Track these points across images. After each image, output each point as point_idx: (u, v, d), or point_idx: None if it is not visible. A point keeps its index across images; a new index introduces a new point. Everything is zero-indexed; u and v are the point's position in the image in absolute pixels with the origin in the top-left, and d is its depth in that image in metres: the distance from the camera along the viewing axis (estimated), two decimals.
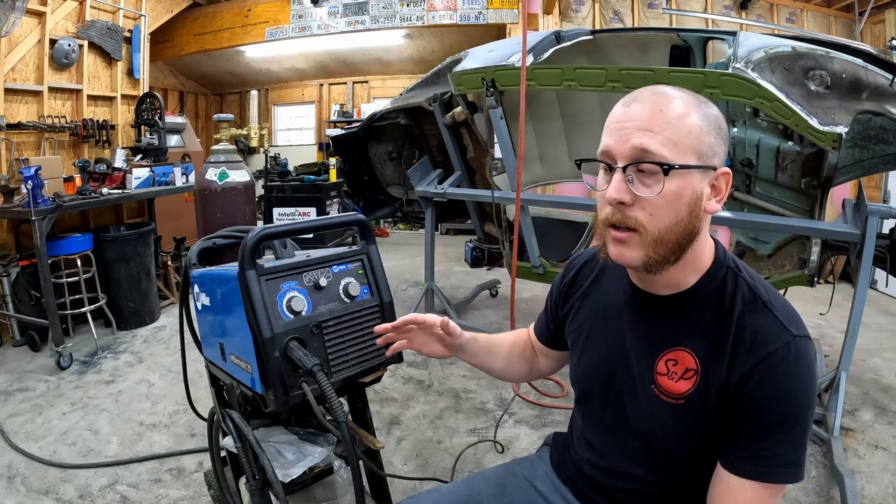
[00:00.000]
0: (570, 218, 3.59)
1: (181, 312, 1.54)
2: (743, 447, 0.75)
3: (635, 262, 0.76)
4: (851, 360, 2.20)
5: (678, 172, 0.72)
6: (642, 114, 0.74)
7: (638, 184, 0.74)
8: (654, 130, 0.73)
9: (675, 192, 0.73)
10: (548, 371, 1.18)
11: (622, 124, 0.75)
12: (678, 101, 0.75)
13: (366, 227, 1.33)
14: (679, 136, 0.73)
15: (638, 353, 0.85)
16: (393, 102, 3.88)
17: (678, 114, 0.74)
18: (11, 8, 3.32)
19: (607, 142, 0.76)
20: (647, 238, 0.74)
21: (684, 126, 0.73)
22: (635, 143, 0.73)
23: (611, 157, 0.76)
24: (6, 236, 3.33)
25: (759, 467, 0.73)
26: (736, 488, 0.75)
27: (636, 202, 0.74)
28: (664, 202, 0.73)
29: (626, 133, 0.74)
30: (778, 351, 0.73)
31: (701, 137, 0.74)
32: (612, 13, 5.81)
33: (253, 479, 1.28)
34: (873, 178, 4.25)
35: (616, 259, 0.78)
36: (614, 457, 0.90)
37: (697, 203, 0.75)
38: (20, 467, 2.02)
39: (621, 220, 0.75)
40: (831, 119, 2.02)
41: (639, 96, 0.76)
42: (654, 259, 0.75)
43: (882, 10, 5.23)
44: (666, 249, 0.75)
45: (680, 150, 0.73)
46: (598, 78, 2.42)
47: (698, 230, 0.76)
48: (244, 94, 8.61)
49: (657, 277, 0.81)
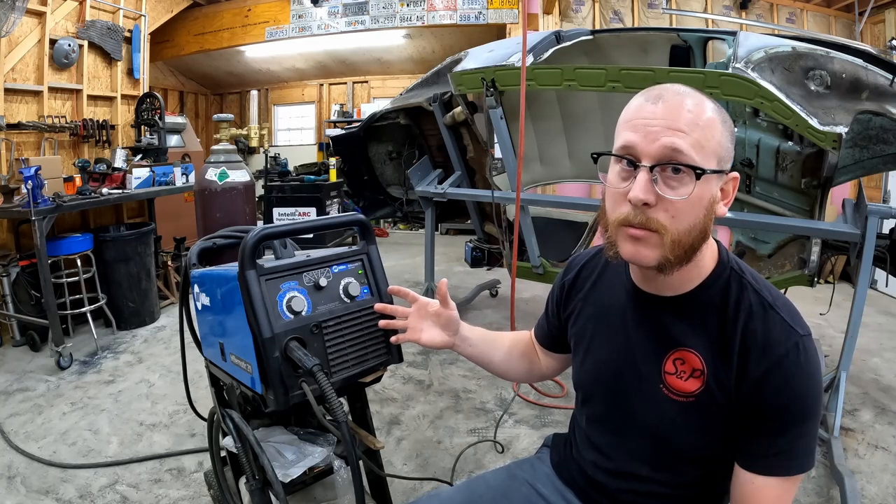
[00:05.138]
0: (570, 218, 3.59)
1: (181, 312, 1.53)
2: (764, 446, 0.76)
3: (650, 262, 0.75)
4: (851, 360, 2.20)
5: (704, 177, 0.72)
6: (670, 113, 0.72)
7: (663, 185, 0.72)
8: (685, 131, 0.71)
9: (698, 196, 0.73)
10: (549, 372, 1.17)
11: (649, 122, 0.73)
12: (704, 104, 0.74)
13: (366, 227, 1.33)
14: (705, 140, 0.72)
15: (643, 354, 0.85)
16: (393, 102, 3.88)
17: (705, 118, 0.73)
18: (11, 8, 3.32)
19: (631, 138, 0.74)
20: (667, 239, 0.73)
21: (710, 130, 0.73)
22: (666, 142, 0.71)
23: (634, 155, 0.74)
24: (6, 236, 3.33)
25: (781, 463, 0.75)
26: (762, 487, 0.76)
27: (659, 203, 0.73)
28: (687, 205, 0.72)
29: (654, 132, 0.72)
30: (789, 353, 0.74)
31: (722, 142, 0.74)
32: (612, 13, 5.81)
33: (253, 479, 1.28)
34: (873, 178, 4.24)
35: (629, 257, 0.76)
36: (620, 458, 0.90)
37: (712, 206, 0.75)
38: (20, 467, 2.02)
39: (644, 221, 0.73)
40: (831, 119, 2.02)
41: (664, 94, 0.74)
42: (669, 260, 0.74)
43: (882, 10, 5.24)
44: (682, 251, 0.74)
45: (705, 154, 0.72)
46: (598, 78, 2.42)
47: (710, 232, 0.77)
48: (244, 94, 8.61)
49: (664, 280, 0.81)
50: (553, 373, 1.18)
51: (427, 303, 1.05)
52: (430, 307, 1.05)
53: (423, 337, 1.05)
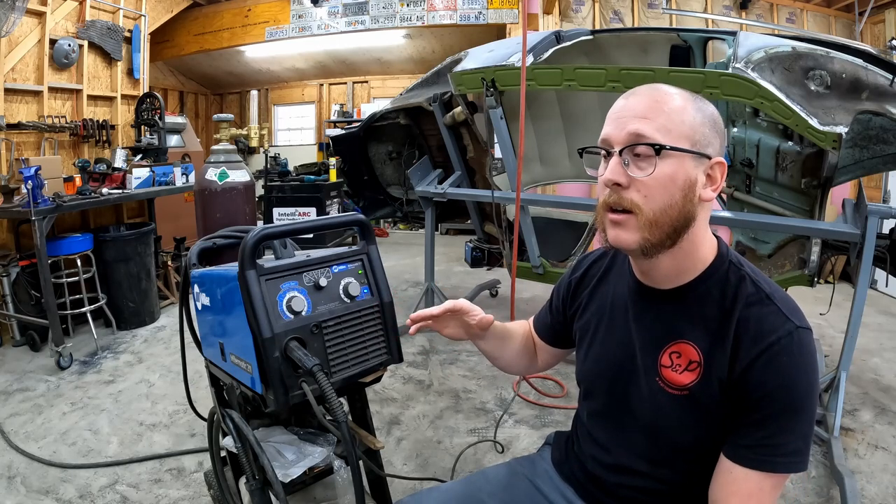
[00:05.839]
0: (570, 218, 3.59)
1: (181, 312, 1.54)
2: (746, 436, 0.75)
3: (632, 245, 0.78)
4: (851, 360, 2.20)
5: (670, 154, 0.75)
6: (639, 104, 0.79)
7: (633, 167, 0.77)
8: (649, 118, 0.77)
9: (668, 175, 0.76)
10: (544, 366, 1.19)
11: (620, 114, 0.80)
12: (675, 96, 0.79)
13: (366, 227, 1.33)
14: (672, 124, 0.77)
15: (643, 347, 0.87)
16: (393, 102, 3.88)
17: (673, 105, 0.78)
18: (11, 8, 3.32)
19: (606, 130, 0.81)
20: (642, 219, 0.77)
21: (678, 115, 0.77)
22: (631, 128, 0.77)
23: (608, 144, 0.80)
24: (6, 236, 3.33)
25: (761, 456, 0.74)
26: (739, 478, 0.75)
27: (632, 184, 0.77)
28: (657, 184, 0.76)
29: (623, 121, 0.78)
30: (781, 340, 0.74)
31: (694, 127, 0.78)
32: (612, 13, 5.81)
33: (253, 479, 1.28)
34: (873, 178, 4.25)
35: (613, 242, 0.80)
36: (619, 452, 0.91)
37: (691, 188, 0.77)
38: (20, 467, 2.02)
39: (617, 201, 0.78)
40: (831, 119, 2.02)
41: (638, 90, 0.81)
42: (649, 241, 0.77)
43: (882, 10, 5.24)
44: (661, 232, 0.77)
45: (673, 136, 0.76)
46: (598, 78, 2.42)
47: (693, 216, 0.78)
48: (244, 94, 8.61)
49: (658, 270, 0.83)
50: (548, 366, 1.20)
51: (473, 315, 1.03)
52: (471, 319, 1.03)
53: (445, 330, 1.06)
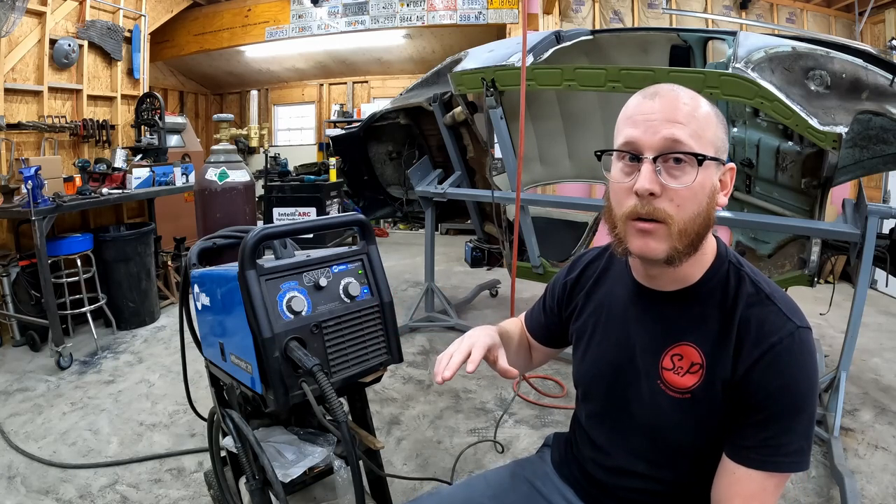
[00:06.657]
0: (570, 218, 3.59)
1: (181, 312, 1.53)
2: (749, 437, 0.75)
3: (659, 255, 0.76)
4: (851, 360, 2.20)
5: (704, 164, 0.74)
6: (668, 107, 0.76)
7: (666, 175, 0.75)
8: (682, 122, 0.74)
9: (700, 184, 0.75)
10: (537, 364, 1.20)
11: (648, 116, 0.76)
12: (698, 99, 0.78)
13: (366, 227, 1.33)
14: (701, 130, 0.75)
15: (643, 349, 0.86)
16: (393, 102, 3.88)
17: (702, 111, 0.77)
18: (11, 8, 3.32)
19: (632, 133, 0.76)
20: (674, 229, 0.75)
21: (705, 120, 0.76)
22: (666, 133, 0.74)
23: (637, 148, 0.76)
24: (6, 236, 3.33)
25: (764, 457, 0.74)
26: (742, 478, 0.75)
27: (664, 193, 0.74)
28: (690, 193, 0.74)
29: (654, 125, 0.75)
30: (783, 341, 0.74)
31: (717, 132, 0.77)
32: (612, 13, 5.81)
33: (253, 479, 1.28)
34: (873, 178, 4.25)
35: (639, 252, 0.77)
36: (619, 454, 0.90)
37: (714, 195, 0.77)
38: (20, 467, 2.02)
39: (651, 211, 0.75)
40: (831, 119, 2.02)
41: (659, 90, 0.78)
42: (678, 251, 0.76)
43: (882, 10, 5.24)
44: (688, 240, 0.76)
45: (703, 143, 0.75)
46: (598, 78, 2.42)
47: (713, 222, 0.78)
48: (244, 94, 8.61)
49: (666, 274, 0.82)
50: (541, 364, 1.21)
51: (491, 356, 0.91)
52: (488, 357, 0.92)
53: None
